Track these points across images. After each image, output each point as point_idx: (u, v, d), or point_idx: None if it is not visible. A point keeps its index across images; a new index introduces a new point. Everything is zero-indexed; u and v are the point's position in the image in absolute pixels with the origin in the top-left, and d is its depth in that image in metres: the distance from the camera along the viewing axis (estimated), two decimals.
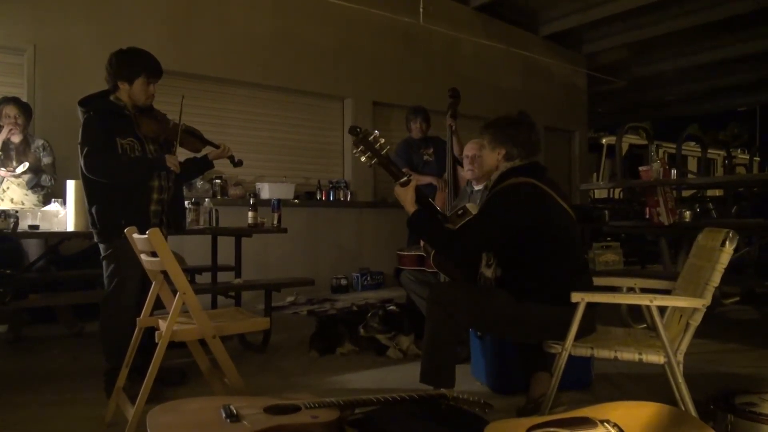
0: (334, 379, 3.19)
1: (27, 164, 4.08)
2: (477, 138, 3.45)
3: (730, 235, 2.07)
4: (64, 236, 3.63)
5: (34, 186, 4.16)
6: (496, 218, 2.36)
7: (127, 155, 2.79)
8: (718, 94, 13.18)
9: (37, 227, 3.32)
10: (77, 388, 2.96)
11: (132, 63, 2.84)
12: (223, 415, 1.77)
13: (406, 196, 2.43)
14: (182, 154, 3.20)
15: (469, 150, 3.49)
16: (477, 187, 3.54)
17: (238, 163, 3.29)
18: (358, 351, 3.69)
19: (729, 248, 2.05)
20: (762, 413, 2.08)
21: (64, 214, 3.40)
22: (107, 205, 2.78)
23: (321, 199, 6.79)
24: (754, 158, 12.17)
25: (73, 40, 5.25)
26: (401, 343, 3.61)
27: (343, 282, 6.66)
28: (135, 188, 2.83)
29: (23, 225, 3.28)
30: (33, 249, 4.16)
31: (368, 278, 6.84)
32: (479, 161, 3.38)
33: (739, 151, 12.79)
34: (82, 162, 2.75)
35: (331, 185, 6.89)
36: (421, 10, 7.00)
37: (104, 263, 2.85)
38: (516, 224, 2.34)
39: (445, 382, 2.29)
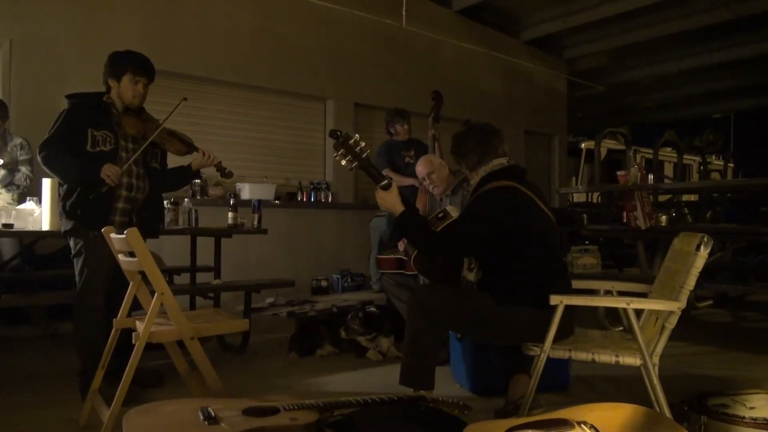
0: (314, 380, 3.18)
1: (0, 160, 4.00)
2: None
3: (705, 239, 2.11)
4: (39, 235, 3.56)
5: (7, 184, 4.08)
6: (481, 220, 2.37)
7: (98, 146, 2.75)
8: (694, 101, 13.45)
9: (11, 226, 3.25)
10: (52, 390, 2.91)
11: (120, 60, 2.87)
12: (201, 417, 1.75)
13: (391, 199, 2.43)
14: (171, 161, 3.17)
15: (421, 172, 3.59)
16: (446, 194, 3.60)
17: (227, 175, 3.12)
18: (338, 353, 3.68)
19: (704, 252, 2.09)
20: (734, 414, 2.12)
21: (40, 213, 3.33)
22: (71, 196, 2.76)
23: (302, 200, 6.76)
24: (729, 164, 12.42)
25: (50, 36, 5.16)
26: (381, 344, 3.61)
27: (324, 283, 6.64)
28: (101, 182, 2.73)
29: None
30: (7, 248, 4.08)
31: (349, 280, 6.83)
32: (435, 176, 3.52)
33: (713, 157, 13.04)
34: (38, 147, 2.72)
35: (312, 186, 6.86)
36: (403, 12, 7.02)
37: (74, 261, 2.82)
38: (499, 226, 2.35)
39: (424, 384, 2.30)
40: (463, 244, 2.40)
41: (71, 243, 2.82)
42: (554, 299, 2.15)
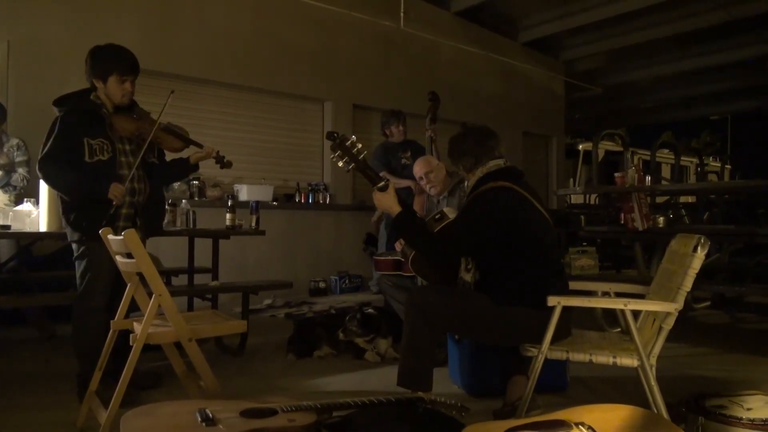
0: (312, 382, 3.17)
1: None
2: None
3: (702, 240, 2.12)
4: (37, 237, 3.55)
5: (4, 185, 4.07)
6: (478, 221, 2.38)
7: (96, 155, 2.73)
8: (691, 103, 13.50)
9: (8, 227, 3.24)
10: (49, 392, 2.90)
11: (104, 60, 2.78)
12: (199, 418, 1.75)
13: (389, 200, 2.44)
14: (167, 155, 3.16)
15: (418, 172, 3.59)
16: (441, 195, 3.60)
17: (226, 164, 3.16)
18: (336, 354, 3.68)
19: (701, 254, 2.09)
20: (732, 415, 2.12)
21: (37, 214, 3.32)
22: (73, 209, 2.74)
23: (300, 201, 6.76)
24: (726, 166, 12.45)
25: (48, 37, 5.16)
26: (379, 346, 3.61)
27: (322, 285, 6.63)
28: (105, 188, 2.72)
29: None
30: (4, 249, 4.07)
31: (346, 281, 6.83)
32: (433, 175, 3.53)
33: (711, 158, 13.09)
34: (37, 164, 2.70)
35: (310, 187, 6.86)
36: (401, 14, 7.04)
37: (76, 263, 2.81)
38: (496, 227, 2.36)
39: (422, 385, 2.30)
40: (460, 245, 2.41)
41: (74, 246, 2.81)
42: (552, 300, 2.15)
